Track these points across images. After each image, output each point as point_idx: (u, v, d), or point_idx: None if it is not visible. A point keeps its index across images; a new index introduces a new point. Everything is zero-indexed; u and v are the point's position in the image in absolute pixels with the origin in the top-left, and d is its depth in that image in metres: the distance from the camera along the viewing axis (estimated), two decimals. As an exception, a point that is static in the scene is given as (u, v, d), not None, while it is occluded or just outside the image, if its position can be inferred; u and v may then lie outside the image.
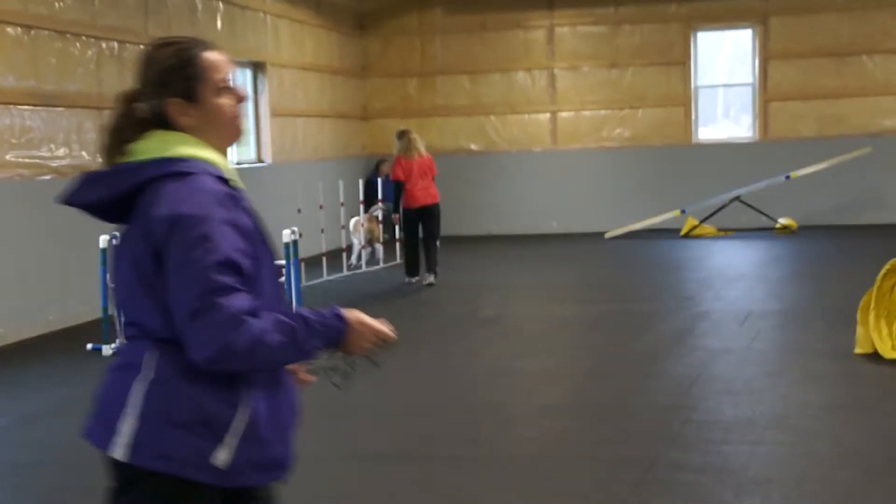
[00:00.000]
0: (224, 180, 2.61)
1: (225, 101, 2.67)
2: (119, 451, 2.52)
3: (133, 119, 2.63)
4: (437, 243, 12.68)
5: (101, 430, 2.56)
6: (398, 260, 13.84)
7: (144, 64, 2.67)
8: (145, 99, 2.63)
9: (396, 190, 12.49)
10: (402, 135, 12.52)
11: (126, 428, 2.51)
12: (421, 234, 12.59)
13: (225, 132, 2.69)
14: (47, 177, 10.32)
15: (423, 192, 12.34)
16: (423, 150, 12.50)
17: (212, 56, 2.67)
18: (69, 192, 2.64)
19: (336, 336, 2.61)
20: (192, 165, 2.57)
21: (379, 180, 16.33)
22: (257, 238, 2.60)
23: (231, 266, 2.46)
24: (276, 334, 2.48)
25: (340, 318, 2.63)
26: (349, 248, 14.40)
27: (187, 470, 2.51)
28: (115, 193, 2.59)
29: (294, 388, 2.75)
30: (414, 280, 12.62)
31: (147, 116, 2.63)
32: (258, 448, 2.57)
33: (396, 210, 12.61)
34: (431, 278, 12.46)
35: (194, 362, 2.46)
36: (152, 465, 2.51)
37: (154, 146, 2.60)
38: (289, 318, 2.53)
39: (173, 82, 2.62)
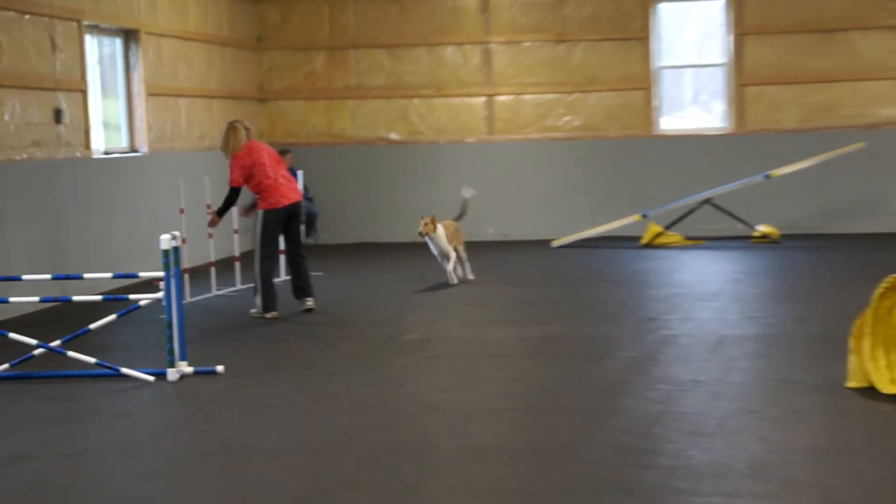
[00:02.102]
0: None
1: None
2: None
3: None
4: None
5: None
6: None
7: None
8: None
9: (232, 197, 11.45)
10: (234, 127, 11.47)
11: None
12: (282, 244, 11.91)
13: None
14: None
15: (287, 186, 11.56)
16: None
17: None
18: None
19: None
20: None
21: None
22: None
23: None
24: None
25: None
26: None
27: None
28: None
29: None
30: (270, 316, 11.55)
31: None
32: None
33: (221, 214, 11.57)
34: (312, 301, 11.89)
35: None
36: None
37: None
38: None
39: None
